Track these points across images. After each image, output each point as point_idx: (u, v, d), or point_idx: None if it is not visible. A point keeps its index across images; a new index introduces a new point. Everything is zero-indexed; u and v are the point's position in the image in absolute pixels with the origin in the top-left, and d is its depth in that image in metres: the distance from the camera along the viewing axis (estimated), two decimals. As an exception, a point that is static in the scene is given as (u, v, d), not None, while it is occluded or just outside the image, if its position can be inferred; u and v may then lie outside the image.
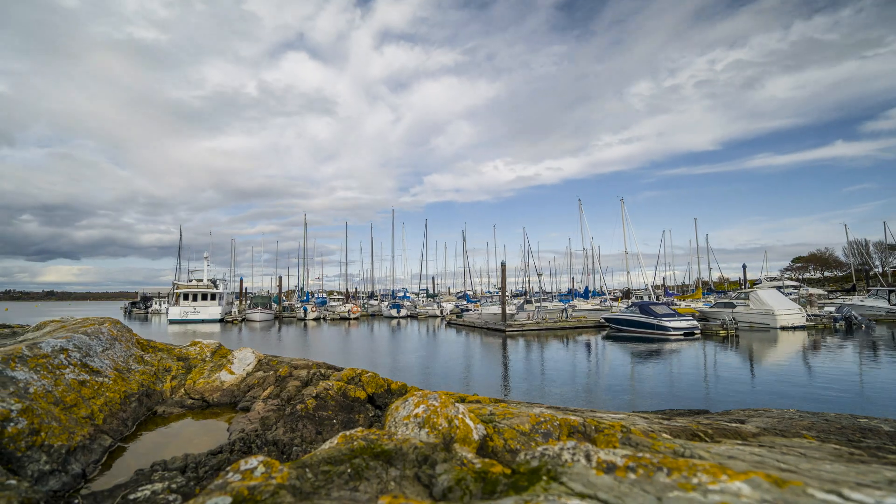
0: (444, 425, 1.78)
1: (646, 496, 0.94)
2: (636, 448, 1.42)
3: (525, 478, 1.19)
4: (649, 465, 1.03)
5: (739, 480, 0.91)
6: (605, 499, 0.96)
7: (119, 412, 3.26)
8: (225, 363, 4.50)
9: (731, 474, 0.93)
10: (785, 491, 0.89)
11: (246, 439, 2.82)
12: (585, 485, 1.05)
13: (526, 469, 1.25)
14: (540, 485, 1.11)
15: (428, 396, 1.99)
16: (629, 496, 0.96)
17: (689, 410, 4.98)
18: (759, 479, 0.91)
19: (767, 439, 1.98)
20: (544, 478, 1.15)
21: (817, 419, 3.72)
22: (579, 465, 1.15)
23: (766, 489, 0.90)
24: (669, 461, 1.03)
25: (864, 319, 25.19)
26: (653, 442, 1.43)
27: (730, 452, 1.39)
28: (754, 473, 0.92)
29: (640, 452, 1.14)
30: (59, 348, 3.30)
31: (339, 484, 1.43)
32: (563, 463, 1.18)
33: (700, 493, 0.90)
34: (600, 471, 1.08)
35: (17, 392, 2.54)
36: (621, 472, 1.04)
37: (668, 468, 1.00)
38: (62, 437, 2.43)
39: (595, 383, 12.21)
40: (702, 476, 0.95)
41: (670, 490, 0.94)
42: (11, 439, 2.14)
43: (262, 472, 1.42)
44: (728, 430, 2.15)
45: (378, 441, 1.72)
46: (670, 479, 0.98)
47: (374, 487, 1.42)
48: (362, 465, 1.54)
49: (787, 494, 0.88)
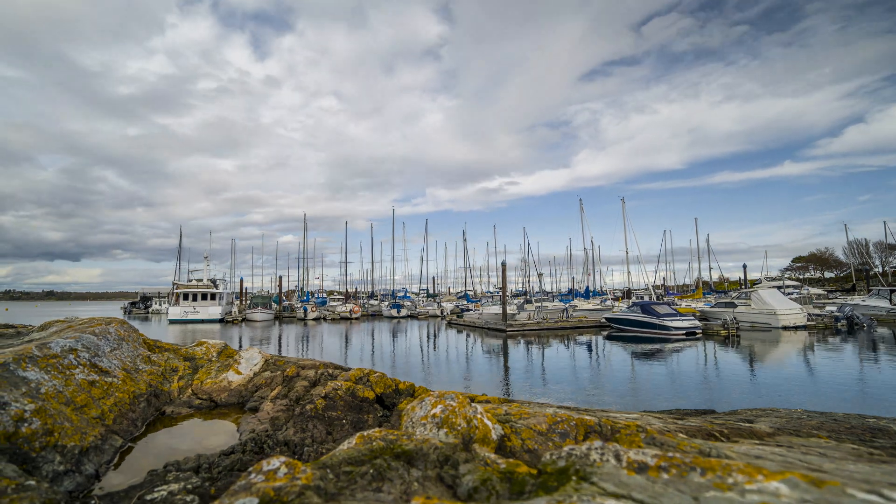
0: (463, 425, 1.78)
1: (681, 496, 0.94)
2: (662, 448, 1.42)
3: (554, 478, 1.19)
4: (682, 464, 1.03)
5: (776, 480, 0.91)
6: (640, 499, 0.96)
7: (128, 412, 3.25)
8: (232, 363, 4.49)
9: (766, 474, 0.93)
10: (824, 491, 0.89)
11: (257, 440, 2.81)
12: (617, 485, 1.05)
13: (553, 469, 1.25)
14: (570, 485, 1.11)
15: (445, 396, 1.99)
16: (664, 496, 0.95)
17: (695, 410, 4.97)
18: (797, 479, 0.91)
19: (784, 439, 1.98)
20: (574, 478, 1.15)
21: (825, 419, 3.71)
22: (609, 465, 1.14)
23: (804, 489, 0.89)
24: (702, 461, 1.03)
25: (866, 319, 25.19)
26: (678, 442, 1.43)
27: (754, 452, 1.39)
28: (790, 473, 0.92)
29: (670, 452, 1.14)
30: (69, 348, 3.30)
31: (362, 485, 1.43)
32: (592, 463, 1.18)
33: (737, 493, 0.90)
34: (631, 471, 1.08)
35: (28, 392, 2.54)
36: (653, 472, 1.04)
37: (701, 468, 1.00)
38: (75, 437, 2.43)
39: (598, 383, 12.20)
40: (737, 476, 0.95)
41: (706, 490, 0.94)
42: (26, 440, 2.14)
43: (285, 472, 1.42)
44: (743, 430, 2.15)
45: (397, 441, 1.71)
46: (705, 478, 0.97)
47: (397, 488, 1.42)
48: (384, 465, 1.54)
49: (827, 495, 0.88)
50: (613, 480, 1.07)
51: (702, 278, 49.56)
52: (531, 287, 49.22)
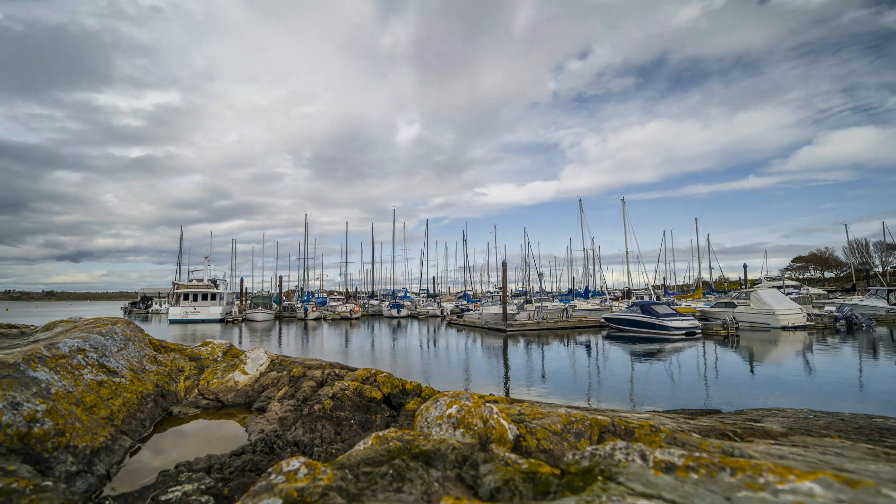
0: (480, 425, 1.78)
1: (713, 496, 0.94)
2: (685, 448, 1.42)
3: (579, 478, 1.19)
4: (710, 465, 1.03)
5: (809, 480, 0.91)
6: (670, 499, 0.96)
7: (137, 413, 3.24)
8: (238, 363, 4.49)
9: (798, 474, 0.93)
10: (858, 491, 0.89)
11: (267, 440, 2.81)
12: (646, 485, 1.05)
13: (577, 469, 1.25)
14: (597, 485, 1.11)
15: (460, 397, 1.98)
16: (695, 496, 0.95)
17: (700, 410, 4.98)
18: (830, 480, 0.91)
19: (798, 439, 1.98)
20: (599, 478, 1.15)
21: (833, 419, 3.72)
22: (635, 465, 1.14)
23: (838, 489, 0.89)
24: (731, 461, 1.03)
25: (864, 319, 25.24)
26: (700, 442, 1.43)
27: (776, 452, 1.39)
28: (822, 473, 0.92)
29: (696, 452, 1.14)
30: (77, 348, 3.29)
31: (382, 485, 1.43)
32: (617, 463, 1.18)
33: (770, 494, 0.90)
34: (659, 471, 1.08)
35: (39, 393, 2.53)
36: (682, 472, 1.04)
37: (731, 468, 1.00)
38: (86, 437, 2.42)
39: (600, 383, 12.21)
40: (768, 476, 0.95)
41: (737, 490, 0.94)
42: (38, 440, 2.13)
43: (305, 473, 1.42)
44: (756, 430, 2.15)
45: (414, 442, 1.71)
46: (735, 479, 0.97)
47: (418, 489, 1.42)
48: (403, 466, 1.54)
49: (862, 495, 0.88)
50: (641, 480, 1.07)
51: (701, 278, 49.61)
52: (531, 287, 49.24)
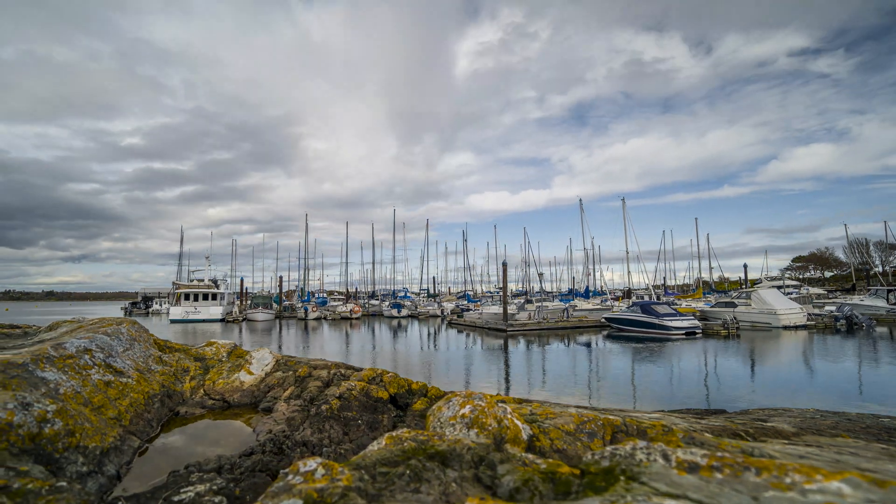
0: (494, 426, 1.77)
1: (739, 496, 0.94)
2: (704, 448, 1.42)
3: (600, 478, 1.19)
4: (734, 464, 1.03)
5: (836, 480, 0.91)
6: (696, 498, 0.96)
7: (144, 413, 3.24)
8: (243, 363, 4.48)
9: (825, 474, 0.93)
10: (888, 491, 0.89)
11: (276, 440, 2.81)
12: (670, 485, 1.05)
13: (597, 469, 1.25)
14: (620, 485, 1.11)
15: (472, 396, 1.98)
16: (722, 496, 0.95)
17: (705, 410, 4.98)
18: (858, 479, 0.91)
19: (811, 439, 1.98)
20: (622, 478, 1.14)
21: (840, 419, 3.72)
22: (657, 465, 1.14)
23: (867, 489, 0.89)
24: (755, 461, 1.03)
25: (865, 319, 25.26)
26: (719, 442, 1.43)
27: (796, 452, 1.39)
28: (849, 473, 0.92)
29: (719, 452, 1.14)
30: (83, 349, 3.28)
31: (400, 486, 1.42)
32: (639, 463, 1.17)
33: (798, 493, 0.90)
34: (682, 471, 1.08)
35: (48, 393, 2.53)
36: (706, 472, 1.04)
37: (756, 468, 1.00)
38: (95, 438, 2.42)
39: (602, 383, 12.22)
40: (794, 476, 0.95)
41: (764, 490, 0.94)
42: (49, 440, 2.13)
43: (323, 473, 1.42)
44: (768, 430, 2.15)
45: (429, 442, 1.71)
46: (760, 478, 0.97)
47: (436, 489, 1.41)
48: (419, 466, 1.53)
49: (892, 495, 0.88)
50: (664, 480, 1.07)
51: (701, 278, 49.64)
52: (531, 287, 49.28)
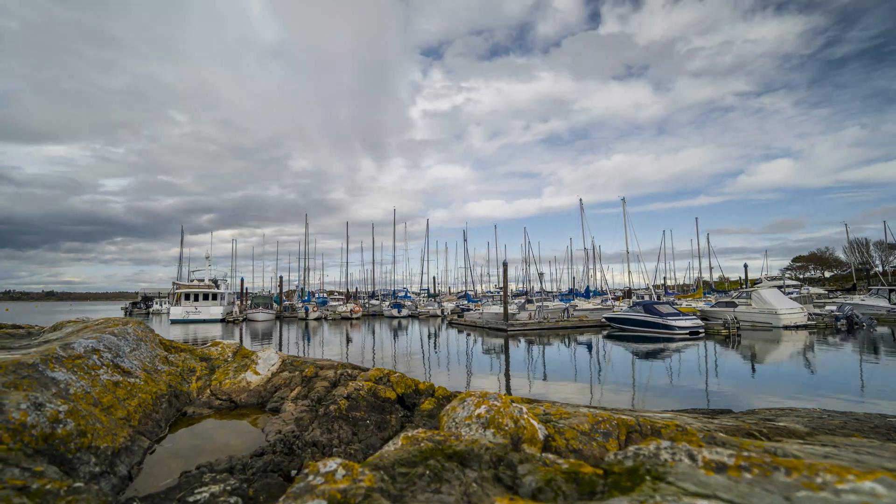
0: (511, 426, 1.77)
1: (771, 496, 0.94)
2: (726, 447, 1.42)
3: (625, 478, 1.18)
4: (763, 464, 1.03)
5: (869, 480, 0.91)
6: (727, 498, 0.96)
7: (152, 413, 3.24)
8: (249, 364, 4.48)
9: (857, 474, 0.93)
10: (922, 490, 0.89)
11: (285, 441, 2.80)
12: (698, 484, 1.05)
13: (621, 469, 1.24)
14: (646, 485, 1.10)
15: (487, 396, 1.98)
16: (752, 496, 0.95)
17: (711, 410, 4.98)
18: (890, 479, 0.91)
19: (826, 438, 1.98)
20: (647, 478, 1.14)
21: (847, 419, 3.71)
22: (682, 464, 1.14)
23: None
24: (784, 461, 1.02)
25: (865, 318, 25.26)
26: (740, 442, 1.43)
27: (818, 451, 1.39)
28: (882, 473, 0.92)
29: (745, 452, 1.14)
30: (91, 349, 3.28)
31: (421, 486, 1.42)
32: (664, 463, 1.17)
33: (831, 493, 0.90)
34: (710, 470, 1.08)
35: (58, 393, 2.52)
36: (734, 472, 1.04)
37: (785, 468, 1.00)
38: (106, 438, 2.42)
39: (607, 382, 12.22)
40: (825, 476, 0.95)
41: (795, 490, 0.94)
42: (62, 441, 2.12)
43: (344, 474, 1.41)
44: (781, 430, 2.15)
45: (446, 442, 1.71)
46: (791, 478, 0.97)
47: (457, 489, 1.41)
48: (438, 466, 1.53)
49: (927, 494, 0.88)
50: (692, 480, 1.07)
51: (702, 278, 49.66)
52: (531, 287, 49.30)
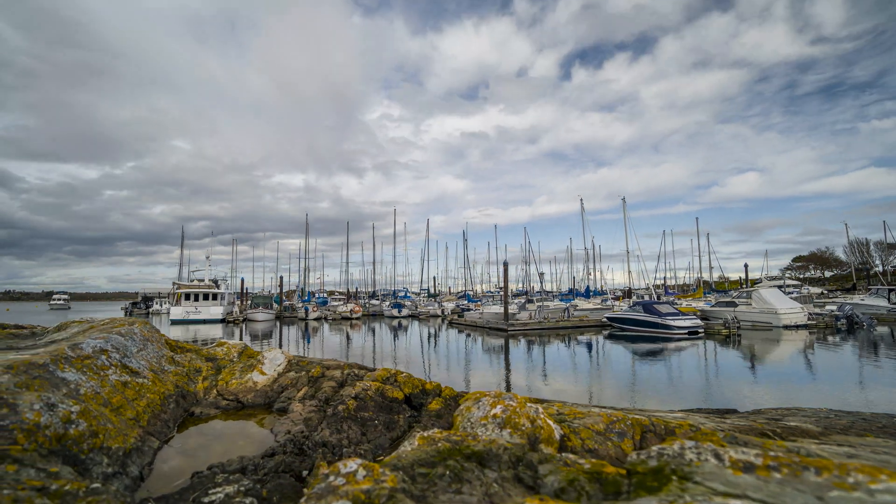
0: (528, 426, 1.77)
1: (803, 496, 0.94)
2: (752, 447, 1.42)
3: (650, 478, 1.18)
4: (792, 464, 1.02)
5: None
6: (759, 498, 0.96)
7: (161, 413, 3.23)
8: (255, 364, 4.47)
9: (889, 474, 0.93)
10: (957, 490, 0.89)
11: (295, 441, 2.80)
12: (726, 484, 1.04)
13: (645, 469, 1.24)
14: (673, 485, 1.10)
15: (503, 397, 1.98)
16: (784, 496, 0.95)
17: (716, 410, 4.98)
18: (924, 479, 0.91)
19: (841, 438, 1.99)
20: (673, 478, 1.14)
21: (854, 418, 3.72)
22: (709, 464, 1.14)
23: (935, 489, 0.89)
24: (813, 461, 1.02)
25: (865, 318, 25.30)
26: (762, 441, 1.43)
27: (840, 451, 1.39)
28: (914, 473, 0.92)
29: (771, 451, 1.14)
30: (99, 349, 3.27)
31: (442, 486, 1.42)
32: (689, 462, 1.17)
33: (865, 493, 0.90)
34: (737, 470, 1.08)
35: (69, 394, 2.52)
36: (763, 472, 1.04)
37: (815, 468, 1.00)
38: (118, 439, 2.41)
39: (609, 382, 12.22)
40: (857, 475, 0.95)
41: (828, 490, 0.94)
42: (75, 441, 2.12)
43: (364, 474, 1.41)
44: (795, 430, 2.15)
45: (464, 442, 1.70)
46: (821, 478, 0.97)
47: (478, 490, 1.41)
48: (458, 467, 1.53)
49: (963, 494, 0.88)
50: (720, 480, 1.07)
51: (702, 278, 49.72)
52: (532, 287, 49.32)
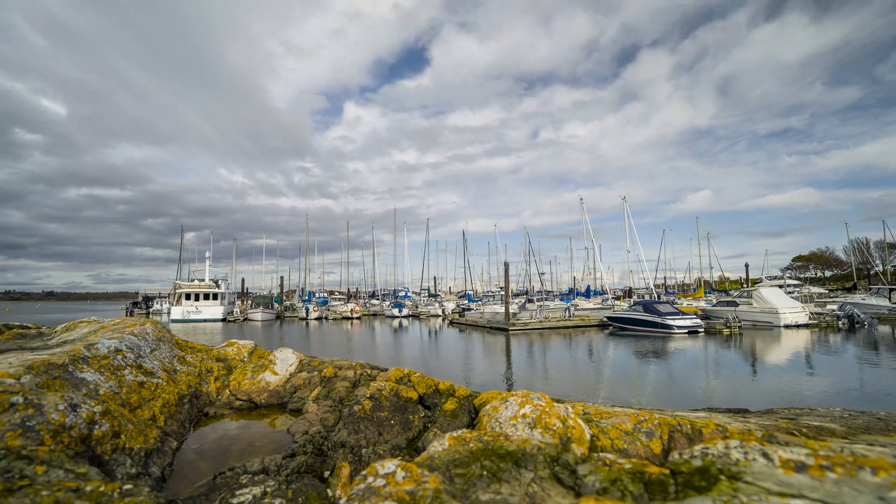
0: (559, 426, 1.76)
1: (863, 497, 0.93)
2: (798, 447, 1.42)
3: (697, 478, 1.18)
4: (846, 463, 1.02)
5: (964, 480, 0.91)
6: (818, 498, 0.95)
7: (176, 414, 3.22)
8: (267, 364, 4.47)
9: (949, 474, 0.93)
10: None
11: (314, 442, 2.79)
12: (780, 484, 1.04)
13: (689, 469, 1.24)
14: (723, 485, 1.10)
15: (530, 396, 1.98)
16: (843, 496, 0.95)
17: (727, 409, 4.98)
18: None
19: (868, 438, 1.98)
20: (722, 477, 1.14)
21: (870, 418, 3.71)
22: (757, 464, 1.13)
23: None
24: (868, 461, 1.02)
25: (867, 318, 25.36)
26: (805, 441, 1.43)
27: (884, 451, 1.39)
28: (975, 473, 0.92)
29: (822, 451, 1.14)
30: (115, 349, 3.26)
31: (482, 486, 1.41)
32: (736, 462, 1.17)
33: (927, 493, 0.90)
34: (789, 470, 1.07)
35: (89, 394, 2.51)
36: (816, 472, 1.04)
37: (870, 467, 0.99)
38: (139, 439, 2.40)
39: (612, 381, 12.23)
40: (916, 475, 0.95)
41: (887, 490, 0.93)
42: (98, 442, 2.11)
43: (404, 475, 1.41)
44: (821, 430, 2.15)
45: (495, 442, 1.70)
46: (879, 478, 0.97)
47: (518, 490, 1.41)
48: (493, 467, 1.53)
49: None
50: (772, 480, 1.06)
51: (702, 277, 49.77)
52: (532, 286, 49.34)
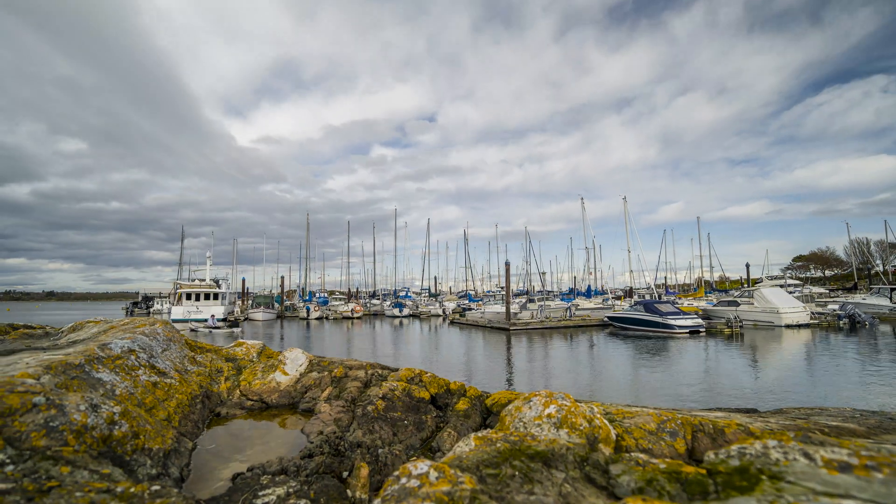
0: (585, 425, 1.76)
1: (914, 496, 0.93)
2: (831, 447, 1.42)
3: (736, 478, 1.18)
4: (892, 463, 1.02)
5: None
6: (868, 498, 0.95)
7: (190, 414, 3.21)
8: (277, 364, 4.46)
9: None
10: None
11: (330, 442, 2.79)
12: (824, 484, 1.04)
13: (727, 469, 1.23)
14: (765, 485, 1.10)
15: (555, 396, 1.97)
16: (893, 497, 0.95)
17: (736, 409, 4.99)
18: None
19: (892, 437, 1.99)
20: (763, 477, 1.13)
21: (882, 418, 3.71)
22: (799, 464, 1.13)
23: None
24: (914, 461, 1.02)
25: (868, 317, 25.40)
26: (839, 440, 1.43)
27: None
28: None
29: (864, 450, 1.14)
30: (128, 349, 3.26)
31: (515, 487, 1.41)
32: (776, 462, 1.17)
33: (980, 493, 0.90)
34: (833, 470, 1.07)
35: (106, 394, 2.51)
36: (862, 472, 1.03)
37: (918, 468, 1.00)
38: (157, 440, 2.39)
39: (614, 381, 12.23)
40: (966, 476, 0.95)
41: (938, 490, 0.93)
42: (119, 442, 2.11)
43: (437, 476, 1.40)
44: (842, 430, 2.15)
45: (523, 442, 1.70)
46: (927, 478, 0.97)
47: (551, 490, 1.40)
48: (524, 467, 1.52)
49: None
50: (815, 480, 1.06)
51: (703, 278, 49.82)
52: (532, 286, 49.35)
